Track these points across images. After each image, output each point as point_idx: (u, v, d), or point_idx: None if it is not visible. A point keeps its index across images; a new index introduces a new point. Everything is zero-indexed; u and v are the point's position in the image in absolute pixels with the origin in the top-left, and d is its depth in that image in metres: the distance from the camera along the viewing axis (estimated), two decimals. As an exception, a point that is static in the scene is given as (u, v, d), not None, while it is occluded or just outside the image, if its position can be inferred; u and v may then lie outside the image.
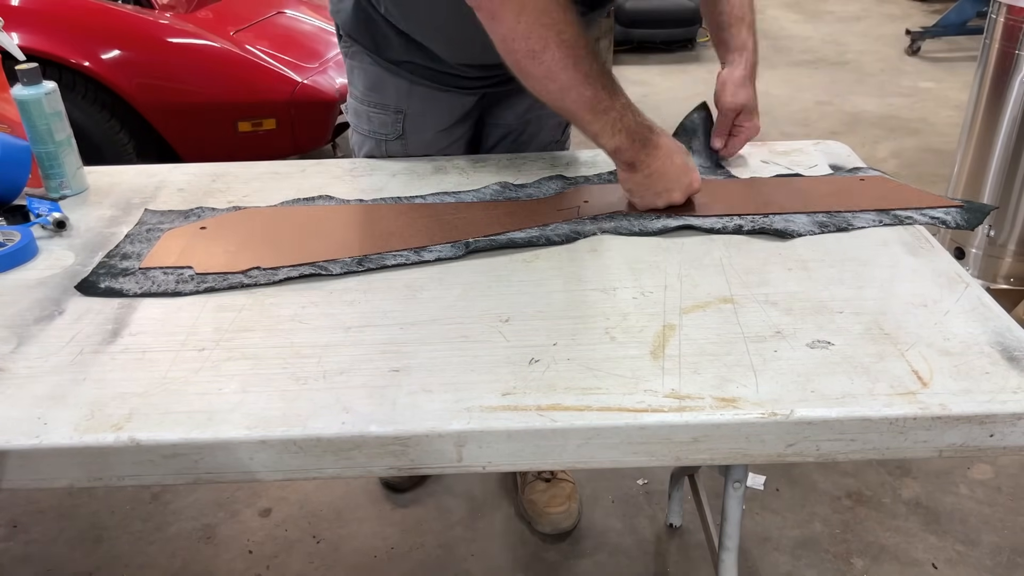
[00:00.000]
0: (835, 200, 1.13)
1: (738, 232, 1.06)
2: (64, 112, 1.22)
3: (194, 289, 0.98)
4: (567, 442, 0.75)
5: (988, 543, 1.59)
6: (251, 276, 1.00)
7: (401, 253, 1.04)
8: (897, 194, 1.15)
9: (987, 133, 2.22)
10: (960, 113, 2.41)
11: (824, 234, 1.06)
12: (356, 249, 1.05)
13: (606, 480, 1.76)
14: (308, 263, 1.02)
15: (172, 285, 0.99)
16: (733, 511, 1.05)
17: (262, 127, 2.74)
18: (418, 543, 1.63)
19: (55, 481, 0.77)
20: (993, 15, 2.17)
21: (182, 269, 1.02)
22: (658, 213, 1.10)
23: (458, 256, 1.03)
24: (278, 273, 1.00)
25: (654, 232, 1.07)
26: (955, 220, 1.09)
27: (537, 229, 1.08)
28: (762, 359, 0.82)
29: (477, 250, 1.04)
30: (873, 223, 1.07)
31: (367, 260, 1.02)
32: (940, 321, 0.87)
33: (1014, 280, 2.29)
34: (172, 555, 1.62)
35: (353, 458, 0.76)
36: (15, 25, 2.60)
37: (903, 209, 1.10)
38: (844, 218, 1.08)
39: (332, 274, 1.00)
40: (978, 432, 0.75)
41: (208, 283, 0.99)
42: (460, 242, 1.05)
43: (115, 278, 1.01)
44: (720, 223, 1.08)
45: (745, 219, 1.09)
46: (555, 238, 1.06)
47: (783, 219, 1.08)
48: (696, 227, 1.07)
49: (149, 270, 1.03)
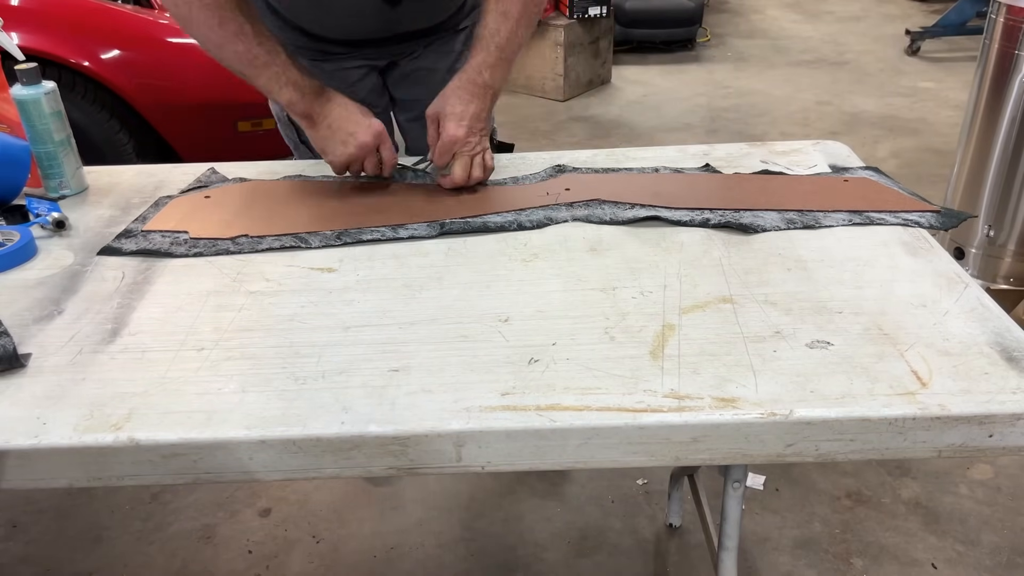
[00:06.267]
0: (810, 199, 1.14)
1: (704, 225, 1.08)
2: (63, 112, 1.22)
3: (185, 252, 1.06)
4: (566, 442, 0.75)
5: (988, 543, 1.59)
6: (238, 243, 1.07)
7: (379, 229, 1.09)
8: (876, 196, 1.15)
9: (987, 133, 2.22)
10: (960, 113, 2.41)
11: (791, 230, 1.06)
12: (338, 223, 1.11)
13: (606, 480, 1.76)
14: (290, 234, 1.08)
15: (166, 246, 1.07)
16: (733, 511, 1.05)
17: (262, 127, 2.73)
18: (418, 543, 1.63)
19: (54, 481, 0.77)
20: (993, 15, 2.17)
21: (178, 233, 1.10)
22: (630, 204, 1.13)
23: (432, 236, 1.08)
24: (262, 242, 1.07)
25: (624, 221, 1.10)
26: (928, 222, 1.08)
27: (512, 214, 1.12)
28: (761, 359, 0.82)
29: (451, 232, 1.09)
30: (843, 222, 1.08)
31: (345, 234, 1.08)
32: (939, 321, 0.87)
33: (1013, 280, 2.29)
34: (172, 555, 1.62)
35: (352, 458, 0.76)
36: (15, 25, 2.59)
37: (876, 211, 1.10)
38: (814, 216, 1.09)
39: (311, 246, 1.06)
40: (977, 432, 0.75)
41: (199, 248, 1.07)
42: (436, 222, 1.10)
43: (120, 239, 1.10)
44: (689, 216, 1.10)
45: (715, 213, 1.10)
46: (527, 223, 1.10)
47: (752, 215, 1.09)
48: (665, 218, 1.09)
49: (150, 232, 1.11)
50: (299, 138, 1.46)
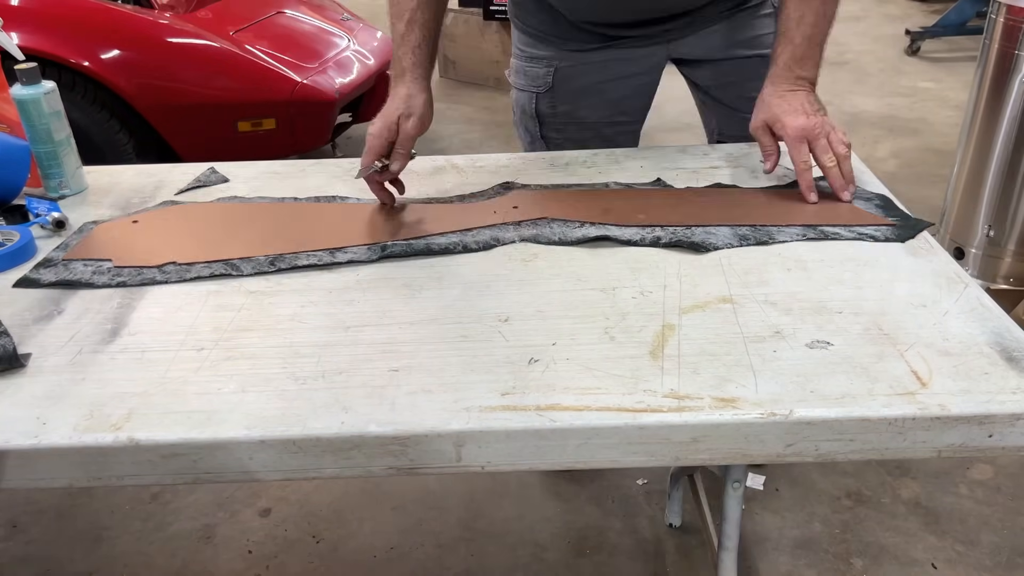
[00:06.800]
0: (763, 213, 1.10)
1: (655, 245, 1.04)
2: (63, 112, 1.22)
3: (107, 282, 1.00)
4: (566, 442, 0.75)
5: (988, 543, 1.59)
6: (165, 272, 1.01)
7: (315, 253, 1.04)
8: (832, 210, 1.11)
9: (987, 133, 2.22)
10: (960, 113, 2.41)
11: (745, 247, 1.03)
12: (273, 247, 1.06)
13: (606, 480, 1.76)
14: (222, 260, 1.03)
15: (87, 276, 1.01)
16: (733, 511, 1.05)
17: (262, 127, 2.74)
18: (418, 543, 1.63)
19: (54, 481, 0.77)
20: (993, 15, 2.17)
21: (102, 261, 1.04)
22: (579, 222, 1.09)
23: (372, 260, 1.03)
24: (191, 270, 1.01)
25: (572, 242, 1.05)
26: (885, 235, 1.04)
27: (458, 234, 1.08)
28: (761, 359, 0.82)
29: (393, 255, 1.04)
30: (796, 237, 1.04)
31: (280, 259, 1.03)
32: (939, 321, 0.87)
33: (1013, 280, 2.29)
34: (172, 555, 1.62)
35: (352, 458, 0.76)
36: (15, 25, 2.60)
37: (831, 225, 1.07)
38: (767, 232, 1.05)
39: (243, 273, 1.01)
40: (977, 432, 0.75)
41: (122, 277, 1.00)
42: (377, 245, 1.06)
43: (38, 269, 1.03)
44: (639, 234, 1.05)
45: (666, 230, 1.06)
46: (473, 245, 1.05)
47: (704, 231, 1.05)
48: (614, 237, 1.05)
49: (72, 261, 1.04)
50: (540, 132, 1.46)
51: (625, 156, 1.33)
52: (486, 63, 4.49)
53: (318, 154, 2.92)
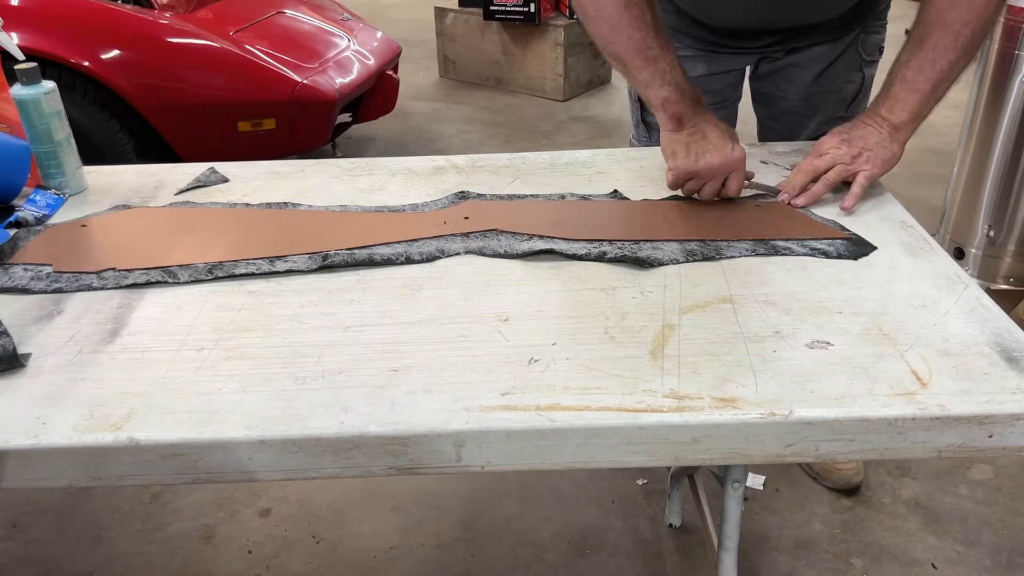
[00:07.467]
0: (714, 227, 1.09)
1: (601, 259, 1.01)
2: (63, 112, 1.22)
3: (44, 288, 0.98)
4: (566, 442, 0.76)
5: (988, 543, 1.59)
6: (103, 278, 1.00)
7: (255, 262, 1.03)
8: (785, 222, 1.10)
9: (987, 133, 2.22)
10: (960, 113, 2.41)
11: (692, 262, 1.01)
12: (213, 255, 1.05)
13: (606, 480, 1.76)
14: (160, 267, 1.02)
15: (25, 282, 1.00)
16: (732, 511, 1.05)
17: (262, 127, 2.74)
18: (418, 543, 1.63)
19: (54, 481, 0.77)
20: (993, 15, 2.17)
21: (41, 266, 1.03)
22: (527, 235, 1.07)
23: (312, 270, 1.01)
24: (129, 276, 1.00)
25: (518, 255, 1.03)
26: (837, 251, 1.02)
27: (403, 245, 1.06)
28: (761, 359, 0.82)
29: (334, 265, 1.02)
30: (745, 252, 1.02)
31: (218, 267, 1.02)
32: (939, 322, 0.87)
33: (1013, 280, 2.29)
34: (172, 555, 1.62)
35: (352, 458, 0.76)
36: (15, 25, 2.60)
37: (783, 239, 1.05)
38: (715, 247, 1.04)
39: (179, 281, 1.00)
40: (977, 432, 0.75)
41: (60, 283, 0.99)
42: (318, 254, 1.04)
43: None
44: (585, 248, 1.03)
45: (613, 245, 1.04)
46: (416, 256, 1.04)
47: (652, 247, 1.04)
48: (560, 251, 1.03)
49: (12, 266, 1.03)
50: (642, 116, 1.46)
51: (625, 156, 1.33)
52: (486, 63, 4.50)
53: (318, 154, 2.92)
